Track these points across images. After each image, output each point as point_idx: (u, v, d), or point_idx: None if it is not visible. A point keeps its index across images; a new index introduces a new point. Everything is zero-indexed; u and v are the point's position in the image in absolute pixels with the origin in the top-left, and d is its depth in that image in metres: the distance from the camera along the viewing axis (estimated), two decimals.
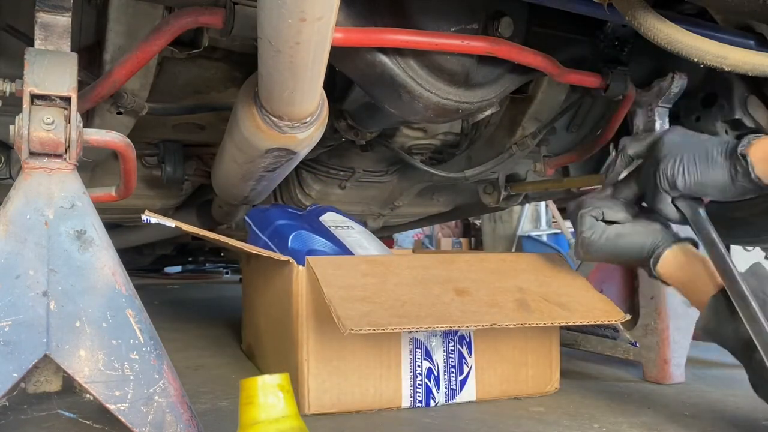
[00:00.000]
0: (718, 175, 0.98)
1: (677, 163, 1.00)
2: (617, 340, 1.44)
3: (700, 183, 0.99)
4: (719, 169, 0.98)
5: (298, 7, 0.72)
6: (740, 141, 0.96)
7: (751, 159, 0.95)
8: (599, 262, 1.55)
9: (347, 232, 1.46)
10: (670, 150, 1.01)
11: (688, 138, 1.02)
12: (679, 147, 1.01)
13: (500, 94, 1.26)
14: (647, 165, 1.05)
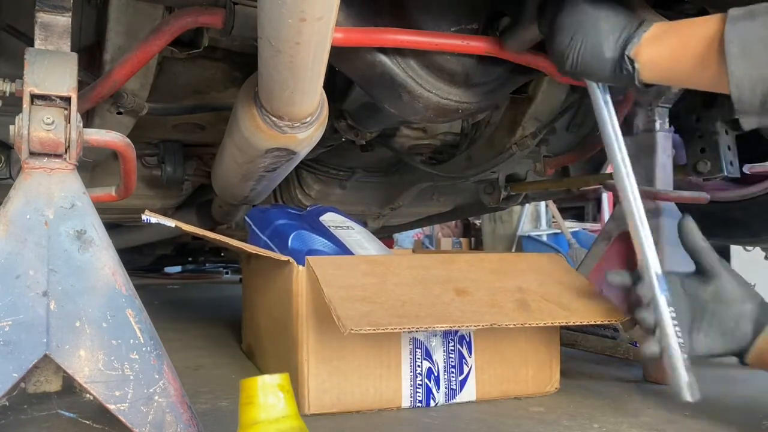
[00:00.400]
0: (604, 70, 0.96)
1: (569, 43, 0.96)
2: (617, 340, 1.44)
3: (586, 73, 0.98)
4: (607, 65, 0.95)
5: (298, 7, 0.72)
6: (630, 39, 0.92)
7: (639, 65, 0.92)
8: (600, 263, 1.56)
9: (347, 232, 1.46)
10: (572, 20, 0.96)
11: (590, 13, 0.96)
12: (580, 21, 0.96)
13: (500, 94, 1.26)
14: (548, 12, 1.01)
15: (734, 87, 0.81)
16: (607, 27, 0.94)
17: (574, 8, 0.96)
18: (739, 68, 0.80)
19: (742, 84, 0.80)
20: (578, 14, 0.96)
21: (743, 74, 0.80)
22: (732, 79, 0.81)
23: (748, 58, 0.80)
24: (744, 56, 0.80)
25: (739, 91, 0.81)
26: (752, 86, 0.80)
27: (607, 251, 1.56)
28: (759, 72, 0.79)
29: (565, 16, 0.96)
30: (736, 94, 0.81)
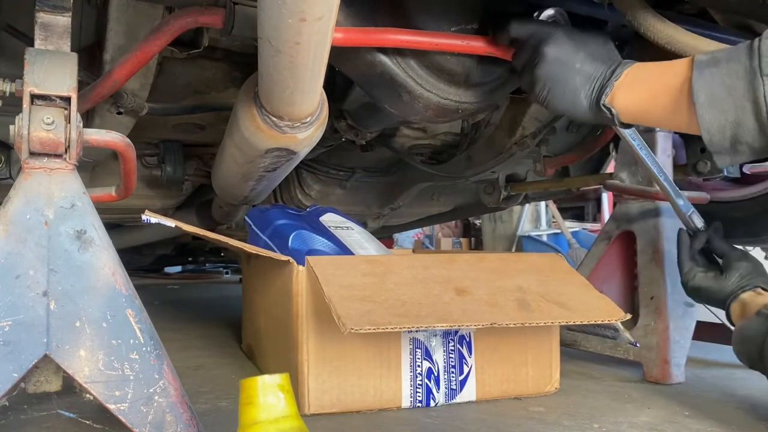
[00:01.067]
0: (583, 116, 1.01)
1: (548, 90, 1.01)
2: (617, 340, 1.44)
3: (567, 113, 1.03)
4: (586, 112, 1.00)
5: (298, 7, 0.72)
6: (603, 89, 0.97)
7: (616, 111, 0.97)
8: (600, 263, 1.56)
9: (347, 233, 1.46)
10: (545, 74, 1.01)
11: (562, 65, 1.01)
12: (553, 75, 1.01)
13: (500, 94, 1.26)
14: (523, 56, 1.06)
15: (705, 132, 0.86)
16: (581, 79, 0.99)
17: (549, 62, 1.01)
18: (708, 114, 0.85)
19: (712, 128, 0.86)
20: (553, 68, 1.01)
21: (712, 120, 0.85)
22: (702, 125, 0.86)
23: (715, 105, 0.85)
24: (711, 104, 0.85)
25: (710, 135, 0.86)
26: (721, 130, 0.85)
27: (607, 251, 1.56)
28: (725, 117, 0.84)
29: (540, 70, 1.01)
30: (707, 137, 0.86)
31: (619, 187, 1.51)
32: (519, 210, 5.16)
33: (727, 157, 0.88)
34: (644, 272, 1.42)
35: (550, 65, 1.01)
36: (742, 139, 0.84)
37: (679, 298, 1.38)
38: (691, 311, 1.39)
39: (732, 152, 0.87)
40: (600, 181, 1.82)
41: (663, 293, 1.38)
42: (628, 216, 1.50)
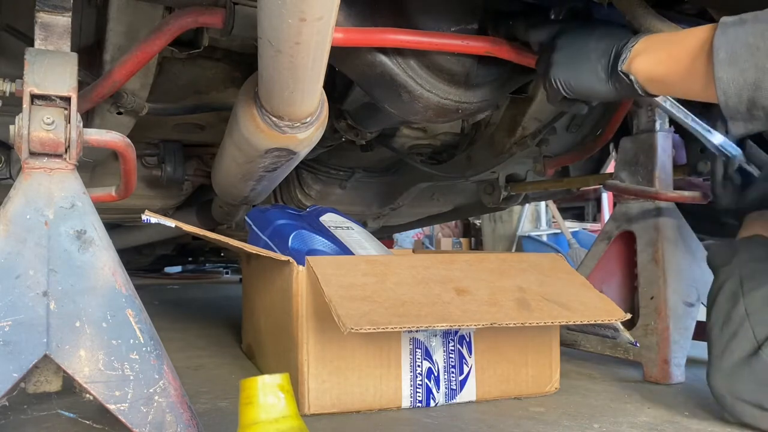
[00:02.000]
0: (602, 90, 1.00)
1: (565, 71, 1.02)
2: (617, 340, 1.44)
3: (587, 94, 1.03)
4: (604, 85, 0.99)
5: (298, 7, 0.72)
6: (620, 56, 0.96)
7: (634, 76, 0.95)
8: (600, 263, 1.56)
9: (347, 233, 1.46)
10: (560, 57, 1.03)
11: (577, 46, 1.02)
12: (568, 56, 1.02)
13: (500, 94, 1.26)
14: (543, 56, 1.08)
15: (721, 92, 0.82)
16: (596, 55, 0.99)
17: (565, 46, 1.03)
18: (726, 74, 0.81)
19: (729, 89, 0.81)
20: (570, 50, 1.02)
21: (729, 80, 0.81)
22: (719, 84, 0.81)
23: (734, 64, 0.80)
24: (731, 62, 0.80)
25: (726, 97, 0.82)
26: (738, 92, 0.81)
27: (607, 251, 1.56)
28: (744, 78, 0.80)
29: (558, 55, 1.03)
30: (723, 99, 0.82)
31: (619, 187, 1.52)
32: (519, 210, 5.16)
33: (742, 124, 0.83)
34: (644, 272, 1.43)
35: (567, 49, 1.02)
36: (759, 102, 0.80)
37: (679, 298, 1.38)
38: (691, 311, 1.39)
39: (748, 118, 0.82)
40: (600, 181, 1.82)
41: (663, 293, 1.38)
42: (628, 216, 1.50)
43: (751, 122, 0.83)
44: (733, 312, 1.09)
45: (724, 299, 1.12)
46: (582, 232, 5.17)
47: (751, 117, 0.82)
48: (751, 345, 1.04)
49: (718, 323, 1.11)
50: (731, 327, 1.08)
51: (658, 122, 1.47)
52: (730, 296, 1.12)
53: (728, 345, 1.07)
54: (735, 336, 1.06)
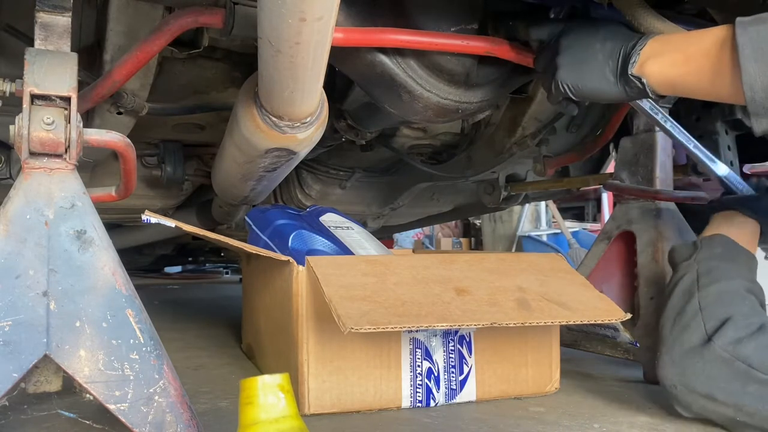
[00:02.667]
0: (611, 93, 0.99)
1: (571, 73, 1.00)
2: (617, 340, 1.44)
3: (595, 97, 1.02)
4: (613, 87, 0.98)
5: (298, 7, 0.72)
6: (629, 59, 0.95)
7: (646, 79, 0.94)
8: (600, 263, 1.56)
9: (347, 233, 1.46)
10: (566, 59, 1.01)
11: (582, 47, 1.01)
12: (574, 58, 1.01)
13: (500, 94, 1.26)
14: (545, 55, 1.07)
15: (748, 88, 0.81)
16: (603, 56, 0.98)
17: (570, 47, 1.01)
18: (753, 68, 0.80)
19: (756, 84, 0.81)
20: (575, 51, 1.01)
21: (757, 74, 0.80)
22: (746, 80, 0.81)
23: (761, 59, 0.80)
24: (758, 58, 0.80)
25: (753, 92, 0.81)
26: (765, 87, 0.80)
27: (607, 251, 1.56)
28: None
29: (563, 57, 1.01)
30: (750, 95, 0.81)
31: (619, 187, 1.52)
32: (519, 210, 5.16)
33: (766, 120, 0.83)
34: (644, 272, 1.42)
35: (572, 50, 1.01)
36: None
37: None
38: None
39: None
40: (600, 181, 1.82)
41: (663, 293, 1.37)
42: (628, 216, 1.50)
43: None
44: (687, 306, 1.12)
45: (679, 294, 1.15)
46: (582, 232, 5.17)
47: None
48: (701, 338, 1.06)
49: (672, 317, 1.13)
50: (684, 320, 1.10)
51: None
52: (685, 291, 1.14)
53: (680, 337, 1.09)
54: (687, 328, 1.09)
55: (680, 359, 1.07)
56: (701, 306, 1.10)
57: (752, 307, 1.10)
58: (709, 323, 1.07)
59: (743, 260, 1.18)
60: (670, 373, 1.08)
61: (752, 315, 1.07)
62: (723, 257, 1.16)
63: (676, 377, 1.07)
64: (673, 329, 1.12)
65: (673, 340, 1.10)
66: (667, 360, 1.09)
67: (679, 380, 1.06)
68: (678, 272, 1.20)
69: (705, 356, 1.04)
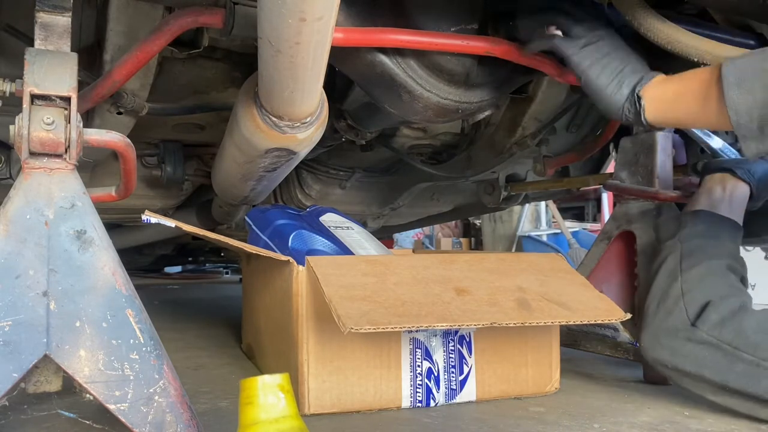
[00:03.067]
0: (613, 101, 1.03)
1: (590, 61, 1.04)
2: (617, 340, 1.44)
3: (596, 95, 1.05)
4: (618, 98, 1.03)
5: (298, 7, 0.72)
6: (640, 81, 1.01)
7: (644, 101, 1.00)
8: (600, 263, 1.56)
9: (347, 233, 1.46)
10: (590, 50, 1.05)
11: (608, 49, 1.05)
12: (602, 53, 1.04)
13: (500, 94, 1.26)
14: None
15: (732, 113, 0.87)
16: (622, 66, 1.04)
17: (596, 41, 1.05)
18: (736, 94, 0.87)
19: (740, 109, 0.86)
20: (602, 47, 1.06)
21: (739, 100, 0.86)
22: (730, 105, 0.87)
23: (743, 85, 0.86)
24: (740, 84, 0.86)
25: (738, 116, 0.87)
26: (749, 111, 0.86)
27: (607, 251, 1.56)
28: (754, 97, 0.85)
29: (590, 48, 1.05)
30: (735, 119, 0.87)
31: (619, 187, 1.52)
32: (519, 210, 5.16)
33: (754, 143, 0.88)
34: (644, 272, 1.42)
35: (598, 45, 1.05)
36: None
37: None
38: None
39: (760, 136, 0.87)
40: (600, 181, 1.82)
41: None
42: (628, 216, 1.50)
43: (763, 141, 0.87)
44: (670, 290, 1.18)
45: (664, 276, 1.22)
46: (582, 232, 5.17)
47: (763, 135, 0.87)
48: (684, 323, 1.13)
49: (656, 299, 1.20)
50: (668, 303, 1.17)
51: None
52: (669, 273, 1.21)
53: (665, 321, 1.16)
54: (671, 313, 1.16)
55: (667, 342, 1.14)
56: (683, 291, 1.16)
57: (731, 286, 1.16)
58: (691, 308, 1.14)
59: (726, 234, 1.24)
60: (656, 354, 1.15)
61: (731, 295, 1.14)
62: (706, 234, 1.22)
63: (665, 358, 1.14)
64: (658, 312, 1.18)
65: (658, 323, 1.17)
66: (651, 341, 1.17)
67: (669, 361, 1.13)
68: (663, 252, 1.26)
69: (692, 340, 1.11)
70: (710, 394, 1.10)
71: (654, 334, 1.17)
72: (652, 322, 1.19)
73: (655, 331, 1.17)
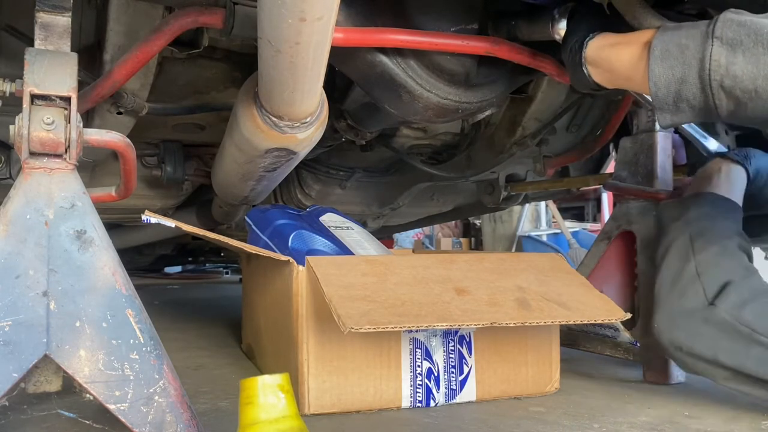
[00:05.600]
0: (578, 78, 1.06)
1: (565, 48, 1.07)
2: (617, 340, 1.44)
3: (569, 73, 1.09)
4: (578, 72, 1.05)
5: (298, 7, 0.72)
6: (583, 44, 1.03)
7: (587, 68, 1.02)
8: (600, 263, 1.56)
9: (347, 233, 1.46)
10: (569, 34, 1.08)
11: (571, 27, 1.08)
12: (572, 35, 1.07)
13: (500, 94, 1.26)
14: None
15: (652, 85, 0.90)
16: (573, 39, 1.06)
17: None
18: (658, 68, 0.89)
19: (659, 82, 0.89)
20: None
21: (660, 74, 0.89)
22: (651, 77, 0.90)
23: (666, 60, 0.89)
24: (663, 59, 0.89)
25: (656, 89, 0.90)
26: (666, 84, 0.89)
27: (607, 251, 1.56)
28: (673, 72, 0.88)
29: None
30: (653, 90, 0.90)
31: (619, 187, 1.52)
32: (519, 210, 5.16)
33: (669, 115, 0.91)
34: (644, 272, 1.42)
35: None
36: (683, 95, 0.88)
37: None
38: None
39: (674, 110, 0.90)
40: (600, 181, 1.82)
41: None
42: (628, 216, 1.50)
43: (677, 114, 0.91)
44: (683, 271, 1.17)
45: (675, 257, 1.20)
46: (582, 232, 5.17)
47: (677, 109, 0.90)
48: (702, 303, 1.11)
49: (668, 281, 1.19)
50: (681, 284, 1.16)
51: (658, 122, 1.47)
52: (681, 255, 1.19)
53: (679, 301, 1.14)
54: (685, 293, 1.14)
55: (683, 323, 1.12)
56: (698, 271, 1.15)
57: (747, 268, 1.15)
58: (710, 288, 1.12)
59: (732, 215, 1.24)
60: (672, 336, 1.13)
61: (751, 278, 1.13)
62: (713, 216, 1.22)
63: (681, 340, 1.12)
64: (671, 293, 1.16)
65: (671, 304, 1.15)
66: (667, 323, 1.14)
67: (684, 343, 1.11)
68: (669, 234, 1.24)
69: (709, 320, 1.09)
70: (723, 379, 1.09)
71: (669, 316, 1.15)
72: (665, 304, 1.17)
73: (670, 312, 1.15)
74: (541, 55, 1.17)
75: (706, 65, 0.84)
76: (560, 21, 1.10)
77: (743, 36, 0.83)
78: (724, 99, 0.85)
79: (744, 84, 0.82)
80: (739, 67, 0.82)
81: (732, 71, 0.83)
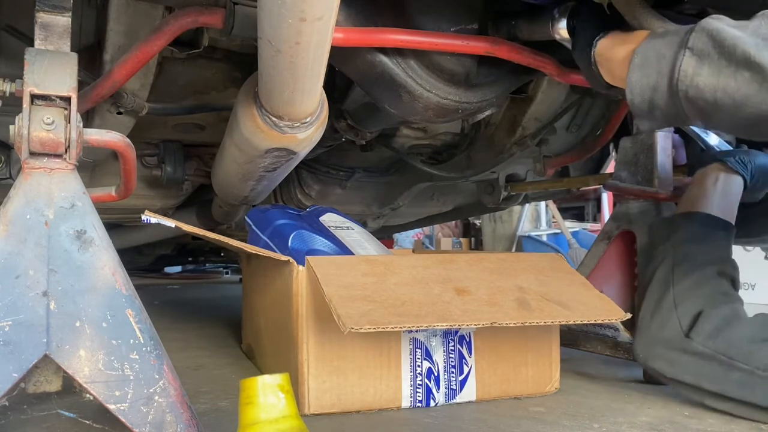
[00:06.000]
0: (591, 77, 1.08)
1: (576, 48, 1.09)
2: (617, 340, 1.44)
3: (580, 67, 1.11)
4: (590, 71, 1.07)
5: (298, 7, 0.72)
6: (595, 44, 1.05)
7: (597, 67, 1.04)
8: (600, 263, 1.56)
9: (347, 233, 1.46)
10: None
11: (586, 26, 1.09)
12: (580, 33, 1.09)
13: (500, 94, 1.26)
14: None
15: (629, 92, 0.93)
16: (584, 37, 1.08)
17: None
18: (635, 75, 0.92)
19: (635, 89, 0.92)
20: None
21: (636, 81, 0.92)
22: (628, 84, 0.92)
23: (643, 68, 0.91)
24: (641, 67, 0.91)
25: (632, 96, 0.92)
26: (641, 92, 0.91)
27: (607, 251, 1.56)
28: (648, 80, 0.90)
29: None
30: (630, 97, 0.93)
31: (619, 187, 1.52)
32: (519, 210, 5.16)
33: (645, 121, 0.94)
34: (644, 272, 1.42)
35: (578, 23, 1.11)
36: (656, 103, 0.90)
37: None
38: None
39: (649, 116, 0.93)
40: (600, 181, 1.82)
41: None
42: (628, 216, 1.50)
43: (651, 121, 0.94)
44: (663, 301, 1.20)
45: (657, 284, 1.24)
46: (582, 232, 5.16)
47: (652, 116, 0.92)
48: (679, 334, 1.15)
49: (650, 308, 1.22)
50: (662, 314, 1.19)
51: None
52: (662, 282, 1.23)
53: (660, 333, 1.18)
54: (665, 325, 1.17)
55: (663, 353, 1.16)
56: (676, 302, 1.18)
57: (723, 293, 1.18)
58: (684, 319, 1.15)
59: (720, 235, 1.25)
60: (655, 364, 1.17)
61: (722, 303, 1.15)
62: (700, 238, 1.24)
63: (664, 368, 1.16)
64: (652, 323, 1.20)
65: (653, 334, 1.19)
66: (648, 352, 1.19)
67: (666, 370, 1.15)
68: (656, 257, 1.27)
69: (687, 351, 1.13)
70: (709, 401, 1.11)
71: (649, 345, 1.19)
72: (646, 332, 1.21)
73: (651, 341, 1.19)
74: (541, 55, 1.17)
75: (675, 75, 0.86)
76: (560, 21, 1.10)
77: (710, 47, 0.84)
78: (691, 109, 0.87)
79: (705, 96, 0.84)
80: (703, 78, 0.84)
81: (695, 82, 0.84)
